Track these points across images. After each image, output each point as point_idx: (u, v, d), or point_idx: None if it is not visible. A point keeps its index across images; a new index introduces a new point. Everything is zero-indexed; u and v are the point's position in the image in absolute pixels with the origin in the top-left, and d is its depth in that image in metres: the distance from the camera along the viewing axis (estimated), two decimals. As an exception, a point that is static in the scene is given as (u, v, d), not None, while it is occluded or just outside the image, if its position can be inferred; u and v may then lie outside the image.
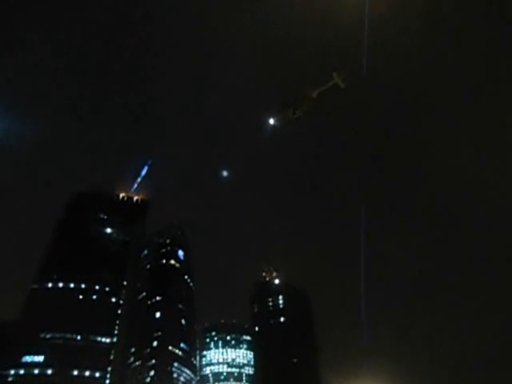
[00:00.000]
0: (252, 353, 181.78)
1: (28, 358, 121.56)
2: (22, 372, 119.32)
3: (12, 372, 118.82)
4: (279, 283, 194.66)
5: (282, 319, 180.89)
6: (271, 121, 56.53)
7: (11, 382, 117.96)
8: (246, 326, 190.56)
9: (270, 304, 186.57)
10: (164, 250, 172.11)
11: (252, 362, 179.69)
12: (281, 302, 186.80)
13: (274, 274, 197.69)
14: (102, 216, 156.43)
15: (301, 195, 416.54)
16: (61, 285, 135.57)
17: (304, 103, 53.69)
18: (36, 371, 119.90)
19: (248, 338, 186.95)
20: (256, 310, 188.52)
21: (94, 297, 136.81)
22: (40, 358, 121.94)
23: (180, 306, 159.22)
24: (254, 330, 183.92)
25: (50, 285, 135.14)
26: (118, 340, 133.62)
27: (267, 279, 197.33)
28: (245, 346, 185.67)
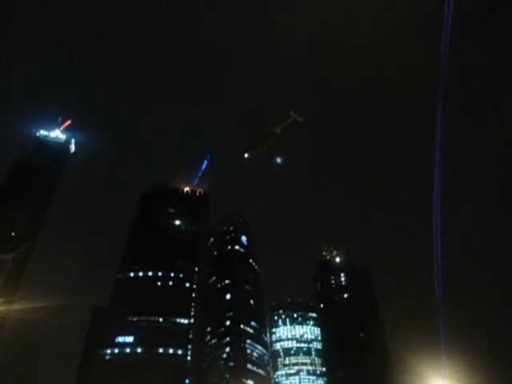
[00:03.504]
0: (319, 328, 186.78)
1: (120, 339, 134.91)
2: (116, 351, 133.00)
3: (108, 351, 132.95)
4: (340, 261, 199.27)
5: (345, 295, 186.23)
6: (246, 155, 67.31)
7: (108, 359, 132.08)
8: (311, 304, 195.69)
9: (333, 282, 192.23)
10: (228, 237, 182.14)
11: (319, 338, 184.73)
12: (343, 279, 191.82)
13: (334, 253, 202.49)
14: (170, 210, 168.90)
15: (357, 172, 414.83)
16: (141, 274, 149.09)
17: (270, 138, 63.10)
18: (128, 350, 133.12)
19: (314, 314, 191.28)
20: (319, 288, 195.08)
21: (170, 283, 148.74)
22: (130, 339, 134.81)
23: (247, 287, 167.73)
24: (319, 307, 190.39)
25: (131, 274, 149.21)
26: (194, 321, 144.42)
27: (328, 258, 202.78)
28: (311, 322, 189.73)
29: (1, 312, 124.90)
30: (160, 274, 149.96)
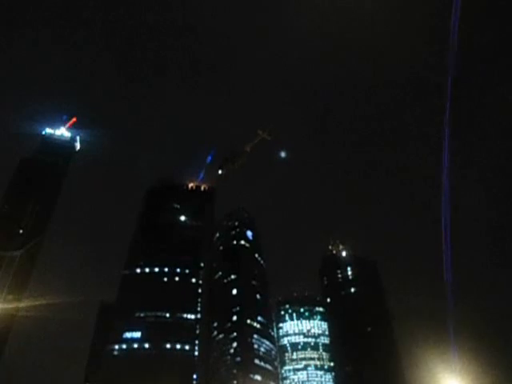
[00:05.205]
0: (326, 323, 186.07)
1: (128, 335, 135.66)
2: (124, 346, 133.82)
3: (116, 347, 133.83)
4: (346, 255, 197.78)
5: (352, 290, 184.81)
6: (219, 171, 70.54)
7: (116, 355, 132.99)
8: (318, 298, 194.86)
9: (339, 276, 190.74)
10: (234, 232, 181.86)
11: (327, 332, 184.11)
12: (349, 273, 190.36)
13: (341, 247, 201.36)
14: (175, 206, 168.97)
15: (363, 164, 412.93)
16: (147, 270, 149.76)
17: (240, 156, 65.97)
18: (135, 345, 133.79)
19: (321, 309, 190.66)
20: (326, 283, 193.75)
21: (177, 279, 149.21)
22: (138, 334, 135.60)
23: (253, 282, 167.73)
24: (326, 302, 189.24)
25: (138, 270, 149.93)
26: (201, 316, 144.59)
27: (334, 252, 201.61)
28: (318, 316, 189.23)
29: (10, 309, 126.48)
30: (166, 269, 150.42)
